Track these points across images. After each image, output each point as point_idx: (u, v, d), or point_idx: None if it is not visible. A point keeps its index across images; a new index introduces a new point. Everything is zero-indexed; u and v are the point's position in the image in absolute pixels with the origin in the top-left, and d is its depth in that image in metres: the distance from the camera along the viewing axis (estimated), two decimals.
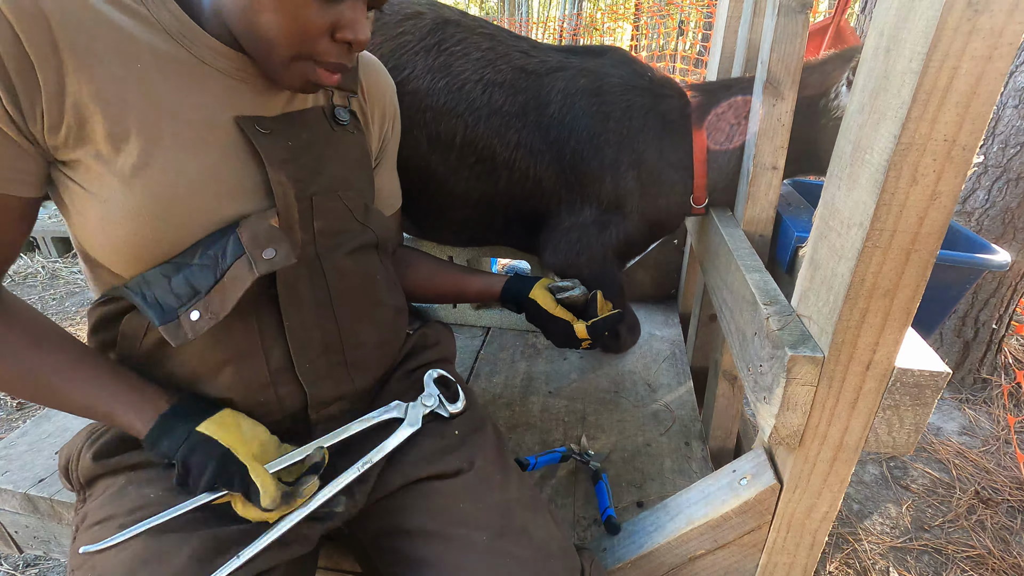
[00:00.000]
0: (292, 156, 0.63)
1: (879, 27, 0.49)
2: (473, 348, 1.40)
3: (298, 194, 0.63)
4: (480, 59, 1.01)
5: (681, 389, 1.23)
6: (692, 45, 6.25)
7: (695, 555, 0.73)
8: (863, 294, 0.52)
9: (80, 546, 0.59)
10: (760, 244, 0.98)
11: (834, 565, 1.44)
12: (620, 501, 0.93)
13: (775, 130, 0.92)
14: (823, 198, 0.59)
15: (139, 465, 0.65)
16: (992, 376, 2.20)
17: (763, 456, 0.71)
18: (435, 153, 1.03)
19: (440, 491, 0.68)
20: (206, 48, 0.58)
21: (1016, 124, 1.92)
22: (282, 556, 0.61)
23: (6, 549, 0.98)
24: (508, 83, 1.01)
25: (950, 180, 0.47)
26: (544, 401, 1.18)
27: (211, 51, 0.59)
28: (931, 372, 0.55)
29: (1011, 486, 1.72)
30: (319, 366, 0.69)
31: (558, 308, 0.88)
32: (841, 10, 1.64)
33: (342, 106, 0.71)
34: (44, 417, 1.07)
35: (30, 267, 3.09)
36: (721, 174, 1.04)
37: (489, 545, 0.62)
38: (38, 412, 1.41)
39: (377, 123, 0.79)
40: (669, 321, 1.54)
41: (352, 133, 0.72)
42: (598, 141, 1.00)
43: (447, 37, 1.01)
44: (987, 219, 2.02)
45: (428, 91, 1.00)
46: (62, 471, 0.67)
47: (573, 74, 1.02)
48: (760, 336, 0.66)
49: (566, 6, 9.39)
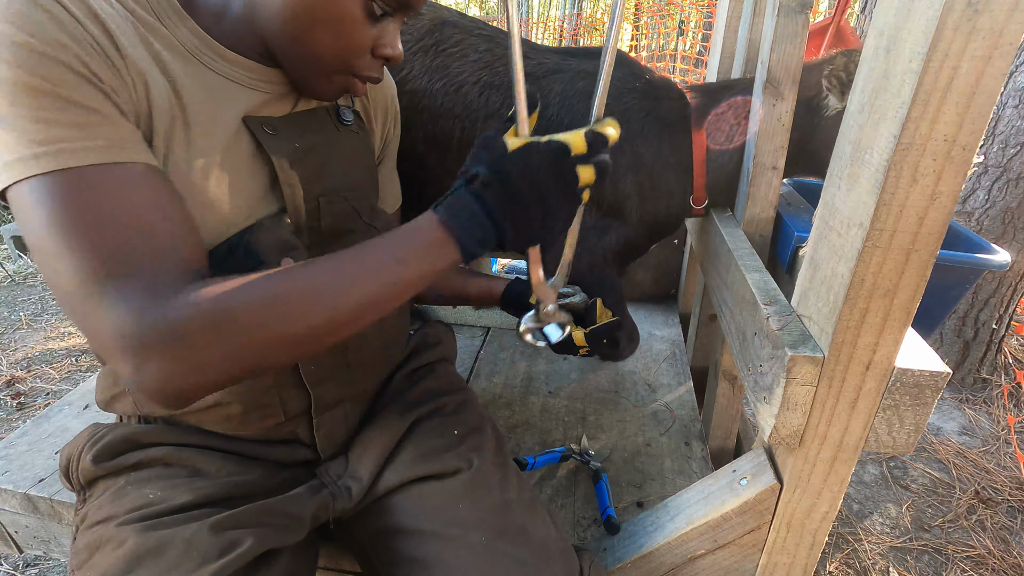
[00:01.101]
0: (299, 157, 0.63)
1: (879, 27, 0.49)
2: (473, 348, 1.40)
3: (306, 196, 0.63)
4: (477, 61, 1.01)
5: (681, 389, 1.23)
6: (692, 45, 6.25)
7: (695, 555, 0.73)
8: (863, 294, 0.52)
9: (80, 545, 0.59)
10: (760, 244, 0.98)
11: (834, 565, 1.44)
12: (620, 501, 0.93)
13: (775, 130, 0.92)
14: (823, 198, 0.59)
15: (139, 465, 0.65)
16: (992, 376, 2.20)
17: (763, 456, 0.71)
18: (432, 154, 1.02)
19: (439, 491, 0.68)
20: (223, 62, 0.58)
21: (1016, 124, 1.92)
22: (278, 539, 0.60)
23: (6, 549, 0.98)
24: (505, 85, 1.00)
25: (950, 180, 0.47)
26: (544, 401, 1.18)
27: (228, 64, 0.58)
28: (931, 372, 0.55)
29: (1011, 486, 1.72)
30: (324, 368, 0.69)
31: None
32: (841, 10, 1.64)
33: (346, 106, 0.71)
34: (44, 417, 1.07)
35: (30, 267, 3.09)
36: (721, 175, 1.03)
37: (488, 545, 0.62)
38: (38, 412, 1.41)
39: (379, 122, 0.79)
40: (669, 321, 1.54)
41: (357, 133, 0.72)
42: None
43: (445, 38, 1.01)
44: (987, 219, 2.02)
45: (425, 92, 0.99)
46: (62, 472, 0.67)
47: (571, 76, 1.01)
48: (760, 336, 0.66)
49: (566, 6, 9.39)
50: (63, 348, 2.38)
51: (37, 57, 0.44)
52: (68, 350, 2.37)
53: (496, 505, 0.67)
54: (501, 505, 0.67)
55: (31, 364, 2.27)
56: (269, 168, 0.60)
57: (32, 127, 0.44)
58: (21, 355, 2.33)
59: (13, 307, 2.72)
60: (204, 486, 0.62)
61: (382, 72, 0.64)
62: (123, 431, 0.66)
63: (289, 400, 0.67)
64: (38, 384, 2.13)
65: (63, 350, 2.37)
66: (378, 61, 0.62)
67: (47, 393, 2.08)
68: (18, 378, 2.16)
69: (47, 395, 2.07)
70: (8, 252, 3.25)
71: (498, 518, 0.65)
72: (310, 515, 0.65)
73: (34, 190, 0.44)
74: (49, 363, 2.27)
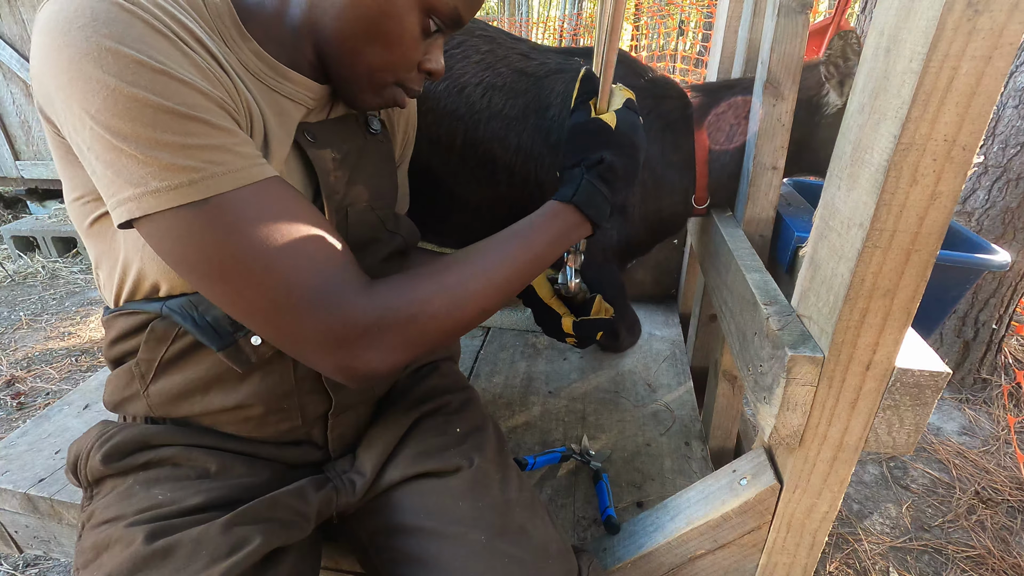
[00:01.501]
0: (335, 166, 0.64)
1: (879, 27, 0.49)
2: (473, 348, 1.40)
3: (336, 206, 0.64)
4: (480, 62, 1.01)
5: (681, 389, 1.23)
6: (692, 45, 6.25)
7: (695, 555, 0.73)
8: (863, 294, 0.52)
9: (87, 545, 0.59)
10: (760, 244, 0.98)
11: (834, 565, 1.44)
12: (620, 501, 0.93)
13: (775, 130, 0.92)
14: (823, 198, 0.59)
15: (148, 465, 0.64)
16: (992, 376, 2.20)
17: (763, 456, 0.71)
18: (436, 156, 1.02)
19: (439, 488, 0.68)
20: (286, 82, 0.59)
21: (1016, 124, 1.92)
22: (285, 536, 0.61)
23: (6, 549, 0.98)
24: (508, 86, 1.00)
25: (950, 180, 0.47)
26: (544, 401, 1.18)
27: (291, 84, 0.59)
28: (931, 372, 0.55)
29: (1011, 486, 1.72)
30: None
31: (552, 299, 0.88)
32: (841, 10, 1.64)
33: (373, 115, 0.72)
34: (44, 417, 1.07)
35: (30, 267, 3.10)
36: (723, 174, 1.03)
37: (487, 545, 0.62)
38: (38, 412, 1.41)
39: (401, 130, 0.80)
40: (669, 321, 1.54)
41: (382, 142, 0.73)
42: None
43: (446, 40, 1.01)
44: (987, 219, 2.02)
45: (428, 94, 1.00)
46: (70, 468, 0.67)
47: (573, 76, 1.01)
48: (760, 336, 0.66)
49: (566, 6, 9.38)
50: (63, 348, 2.38)
51: (169, 81, 0.45)
52: (68, 350, 2.37)
53: (496, 504, 0.67)
54: (501, 504, 0.67)
55: (31, 364, 2.27)
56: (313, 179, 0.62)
57: (177, 151, 0.45)
58: (21, 355, 2.33)
59: (13, 307, 2.72)
60: (213, 488, 0.62)
61: (423, 85, 0.66)
62: (133, 431, 0.65)
63: (308, 404, 0.68)
64: (38, 384, 2.13)
65: (63, 350, 2.37)
66: (422, 74, 0.64)
67: (47, 393, 2.08)
68: (18, 378, 2.16)
69: (47, 395, 2.07)
70: (8, 252, 3.25)
71: (498, 517, 0.65)
72: (315, 510, 0.65)
73: (195, 216, 0.46)
74: (49, 363, 2.27)
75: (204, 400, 0.64)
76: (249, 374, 0.63)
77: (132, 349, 0.64)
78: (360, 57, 0.59)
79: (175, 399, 0.64)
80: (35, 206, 3.51)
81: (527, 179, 1.03)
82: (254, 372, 0.63)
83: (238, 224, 0.47)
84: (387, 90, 0.63)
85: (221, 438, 0.68)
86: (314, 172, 0.61)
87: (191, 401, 0.64)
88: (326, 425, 0.71)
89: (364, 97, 0.63)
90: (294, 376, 0.65)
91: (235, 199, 0.47)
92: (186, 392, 0.64)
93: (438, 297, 0.55)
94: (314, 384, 0.67)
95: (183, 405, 0.65)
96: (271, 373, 0.64)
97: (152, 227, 0.47)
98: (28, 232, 3.23)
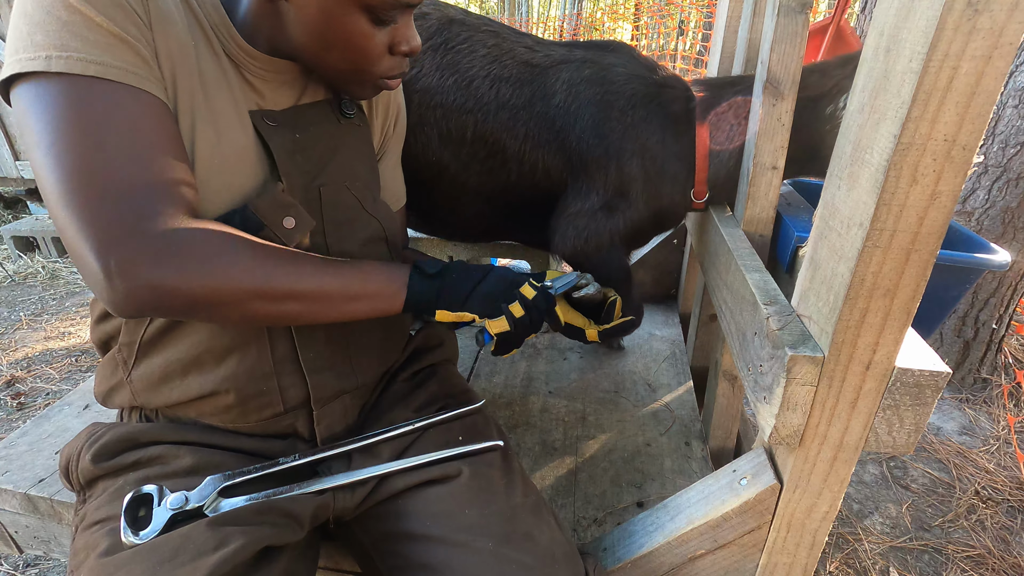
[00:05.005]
0: (299, 148, 0.66)
1: (879, 27, 0.49)
2: (473, 348, 1.40)
3: (306, 185, 0.66)
4: (486, 55, 1.03)
5: (681, 389, 1.23)
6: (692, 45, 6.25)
7: (695, 555, 0.73)
8: (863, 294, 0.52)
9: (79, 546, 0.59)
10: (760, 244, 0.98)
11: (834, 565, 1.44)
12: (620, 501, 0.93)
13: (775, 130, 0.92)
14: (823, 198, 0.59)
15: (137, 464, 0.65)
16: (992, 376, 2.20)
17: (763, 456, 0.71)
18: (447, 149, 1.04)
19: (445, 495, 0.68)
20: (237, 47, 0.61)
21: (1016, 124, 1.92)
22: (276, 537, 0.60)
23: (6, 549, 0.98)
24: (514, 77, 1.02)
25: (950, 180, 0.47)
26: (544, 401, 1.18)
27: (241, 51, 0.62)
28: (931, 372, 0.55)
29: (1011, 486, 1.72)
30: (323, 356, 0.70)
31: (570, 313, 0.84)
32: (841, 10, 1.64)
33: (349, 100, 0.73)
34: (44, 417, 1.07)
35: (30, 267, 3.10)
36: (722, 169, 1.04)
37: (494, 551, 0.62)
38: (38, 412, 1.41)
39: (380, 118, 0.80)
40: (669, 321, 1.54)
41: (359, 126, 0.75)
42: (603, 128, 1.01)
43: (453, 36, 1.03)
44: (987, 219, 2.02)
45: (437, 89, 1.01)
46: (62, 472, 0.67)
47: (578, 65, 1.03)
48: (760, 336, 0.66)
49: (566, 6, 9.39)
50: (63, 348, 2.38)
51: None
52: (68, 350, 2.37)
53: (502, 511, 0.67)
54: (507, 510, 0.67)
55: (31, 364, 2.27)
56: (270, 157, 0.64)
57: (60, 33, 0.49)
58: (21, 355, 2.33)
59: (13, 307, 2.72)
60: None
61: (407, 65, 0.68)
62: (121, 430, 0.66)
63: (287, 388, 0.68)
64: (38, 384, 2.13)
65: (63, 350, 2.37)
66: (400, 58, 0.66)
67: (47, 393, 2.08)
68: (18, 378, 2.16)
69: (47, 395, 2.07)
70: (8, 252, 3.25)
71: (504, 524, 0.65)
72: (310, 514, 0.65)
73: (46, 88, 0.49)
74: (49, 363, 2.27)
75: (184, 384, 0.65)
76: (227, 355, 0.64)
77: (114, 331, 0.66)
78: (325, 62, 0.63)
79: (156, 384, 0.66)
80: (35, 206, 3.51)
81: (535, 166, 1.05)
82: (232, 353, 0.64)
83: (85, 106, 0.49)
84: (370, 81, 0.66)
85: (208, 432, 0.68)
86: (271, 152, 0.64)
87: (171, 385, 0.66)
88: (311, 417, 0.71)
89: (353, 90, 0.68)
90: (272, 357, 0.66)
91: (92, 85, 0.50)
92: (166, 375, 0.65)
93: (241, 265, 0.54)
94: (293, 366, 0.68)
95: (164, 390, 0.66)
96: (249, 353, 0.65)
97: (15, 95, 0.50)
98: (28, 232, 3.23)
